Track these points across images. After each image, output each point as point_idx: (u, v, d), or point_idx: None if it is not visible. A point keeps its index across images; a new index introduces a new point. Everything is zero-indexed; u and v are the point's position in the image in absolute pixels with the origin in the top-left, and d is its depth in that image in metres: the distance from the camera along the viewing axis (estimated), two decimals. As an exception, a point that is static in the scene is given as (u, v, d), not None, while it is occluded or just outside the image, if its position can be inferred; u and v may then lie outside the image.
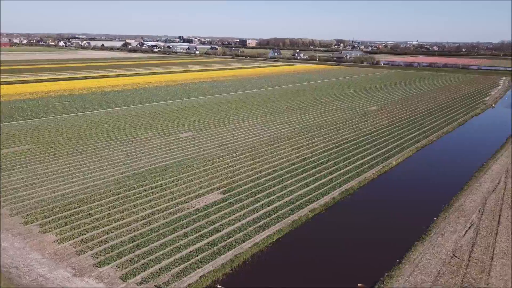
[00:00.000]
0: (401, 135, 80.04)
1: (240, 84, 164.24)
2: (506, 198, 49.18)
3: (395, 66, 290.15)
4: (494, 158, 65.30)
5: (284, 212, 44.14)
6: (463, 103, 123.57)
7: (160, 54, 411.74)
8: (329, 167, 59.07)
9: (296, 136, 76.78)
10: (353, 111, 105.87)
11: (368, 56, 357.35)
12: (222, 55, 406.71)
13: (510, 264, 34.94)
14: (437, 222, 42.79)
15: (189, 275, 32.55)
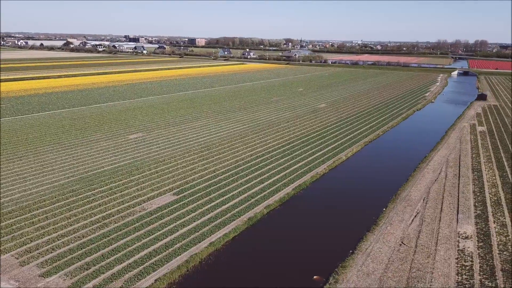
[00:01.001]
0: (349, 130, 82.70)
1: (191, 83, 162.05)
2: (447, 186, 52.32)
3: (342, 65, 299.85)
4: (435, 150, 69.27)
5: (240, 210, 44.01)
6: (406, 99, 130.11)
7: (105, 54, 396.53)
8: (283, 163, 59.74)
9: (249, 135, 76.94)
10: (303, 108, 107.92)
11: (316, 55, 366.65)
12: (171, 54, 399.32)
13: (453, 247, 37.13)
14: (386, 212, 44.63)
15: (143, 279, 31.49)
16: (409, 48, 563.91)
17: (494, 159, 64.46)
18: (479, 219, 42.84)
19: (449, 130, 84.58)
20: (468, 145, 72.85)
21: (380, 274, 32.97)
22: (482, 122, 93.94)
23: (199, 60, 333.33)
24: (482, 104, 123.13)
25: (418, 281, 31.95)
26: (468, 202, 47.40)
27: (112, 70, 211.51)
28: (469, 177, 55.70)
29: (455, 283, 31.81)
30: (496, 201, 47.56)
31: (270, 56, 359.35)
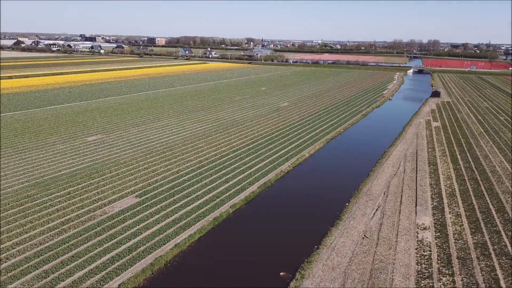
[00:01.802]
0: (312, 128, 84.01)
1: (151, 83, 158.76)
2: (406, 180, 54.29)
3: (303, 64, 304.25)
4: (394, 145, 71.72)
5: (205, 210, 43.56)
6: (365, 97, 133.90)
7: (60, 54, 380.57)
8: (247, 162, 59.75)
9: (213, 134, 76.38)
10: (266, 107, 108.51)
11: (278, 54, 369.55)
12: (130, 53, 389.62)
13: (412, 239, 38.56)
14: (349, 207, 45.68)
15: (106, 285, 30.47)
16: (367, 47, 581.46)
17: (448, 153, 67.57)
18: (436, 211, 44.74)
19: (406, 126, 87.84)
20: (424, 140, 75.97)
21: (344, 267, 33.68)
22: (437, 118, 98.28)
23: (160, 59, 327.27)
24: (436, 100, 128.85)
25: (380, 272, 32.91)
26: (425, 194, 49.39)
27: (67, 70, 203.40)
28: (426, 171, 58.08)
29: (415, 272, 33.03)
30: (451, 193, 49.86)
31: (232, 56, 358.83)
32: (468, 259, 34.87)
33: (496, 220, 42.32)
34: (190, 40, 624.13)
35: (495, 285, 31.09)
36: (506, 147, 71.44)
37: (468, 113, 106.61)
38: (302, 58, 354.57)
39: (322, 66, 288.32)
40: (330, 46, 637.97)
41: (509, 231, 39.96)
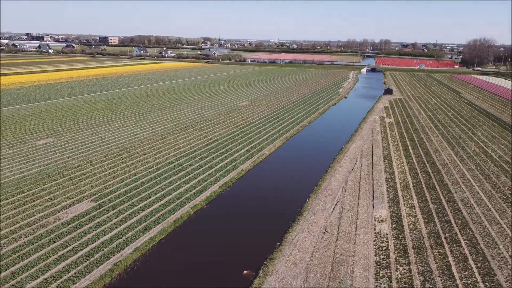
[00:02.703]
0: (271, 127, 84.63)
1: (105, 83, 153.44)
2: (363, 175, 55.97)
3: (261, 63, 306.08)
4: (350, 142, 73.74)
5: (165, 212, 42.64)
6: (322, 95, 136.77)
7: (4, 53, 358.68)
8: (207, 162, 59.17)
9: (171, 134, 74.99)
10: (225, 107, 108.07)
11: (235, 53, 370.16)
12: (81, 53, 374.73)
13: (370, 231, 39.79)
14: (309, 203, 46.42)
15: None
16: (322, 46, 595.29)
17: (401, 147, 70.40)
18: (391, 203, 46.44)
19: (362, 123, 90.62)
20: (379, 135, 78.71)
21: (307, 262, 34.16)
22: (390, 114, 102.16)
23: (113, 59, 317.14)
24: (389, 97, 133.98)
25: (341, 265, 33.67)
26: (381, 188, 51.15)
27: (13, 70, 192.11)
28: (381, 165, 60.17)
29: (374, 263, 34.09)
30: (405, 186, 51.97)
31: (189, 55, 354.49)
32: (422, 248, 36.46)
33: (446, 210, 44.57)
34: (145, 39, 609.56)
35: (447, 271, 32.71)
36: (454, 141, 75.51)
37: (418, 109, 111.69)
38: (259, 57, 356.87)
39: (280, 65, 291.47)
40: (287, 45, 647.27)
41: (459, 219, 42.22)
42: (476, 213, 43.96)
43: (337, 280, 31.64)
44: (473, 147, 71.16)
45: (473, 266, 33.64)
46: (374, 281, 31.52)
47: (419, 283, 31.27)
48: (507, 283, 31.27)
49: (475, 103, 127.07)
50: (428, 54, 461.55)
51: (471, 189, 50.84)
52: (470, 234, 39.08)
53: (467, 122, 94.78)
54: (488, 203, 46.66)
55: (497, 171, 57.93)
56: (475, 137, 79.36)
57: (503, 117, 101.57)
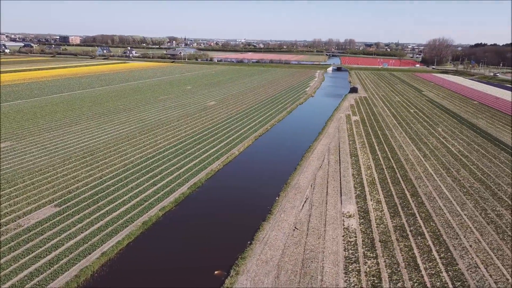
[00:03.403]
0: (240, 126, 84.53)
1: (66, 84, 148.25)
2: (331, 172, 56.90)
3: (228, 63, 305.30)
4: (318, 140, 74.80)
5: (133, 215, 41.68)
6: (289, 94, 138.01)
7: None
8: (176, 163, 58.33)
9: (137, 136, 73.41)
10: (193, 106, 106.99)
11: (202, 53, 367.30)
12: (40, 53, 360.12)
13: (339, 227, 40.50)
14: (279, 201, 46.70)
15: (24, 305, 27.75)
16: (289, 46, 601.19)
17: (367, 144, 72.12)
18: (359, 199, 47.47)
19: (328, 121, 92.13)
20: (345, 133, 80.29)
21: (277, 259, 34.34)
22: (356, 112, 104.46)
23: (75, 59, 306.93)
24: (354, 96, 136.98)
25: (311, 261, 34.08)
26: (349, 184, 52.18)
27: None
28: (348, 162, 61.39)
29: (343, 258, 34.72)
30: (371, 181, 53.26)
31: (154, 55, 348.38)
32: (389, 242, 37.48)
33: (411, 204, 46.04)
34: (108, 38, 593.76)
35: (412, 263, 33.79)
36: (417, 137, 78.17)
37: (382, 107, 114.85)
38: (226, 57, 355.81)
39: (247, 65, 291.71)
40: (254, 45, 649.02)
41: (423, 213, 43.72)
42: (439, 206, 45.66)
43: (308, 276, 31.99)
44: (435, 143, 73.91)
45: (437, 257, 34.92)
46: (344, 276, 32.10)
47: (387, 275, 32.12)
48: (468, 271, 32.66)
49: (436, 100, 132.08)
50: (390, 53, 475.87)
51: (433, 183, 52.76)
52: (433, 226, 40.53)
53: (428, 118, 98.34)
54: (449, 196, 48.58)
55: (457, 165, 60.42)
56: (436, 133, 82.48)
57: (461, 113, 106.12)
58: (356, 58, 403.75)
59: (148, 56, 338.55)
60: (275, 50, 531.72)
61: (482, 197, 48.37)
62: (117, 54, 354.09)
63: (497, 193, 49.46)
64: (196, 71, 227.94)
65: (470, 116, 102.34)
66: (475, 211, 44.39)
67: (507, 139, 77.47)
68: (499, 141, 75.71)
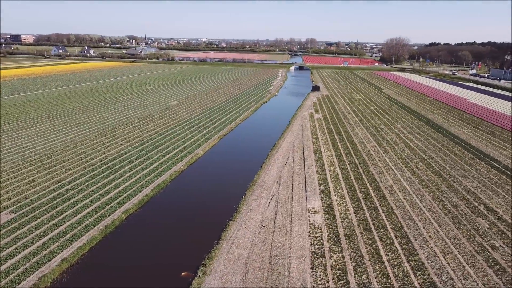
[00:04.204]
0: (204, 126, 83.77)
1: (19, 85, 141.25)
2: (295, 169, 57.52)
3: (190, 62, 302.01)
4: (282, 138, 75.43)
5: (94, 219, 40.27)
6: (253, 93, 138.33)
7: None
8: (138, 164, 56.95)
9: (97, 137, 71.06)
10: (155, 107, 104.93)
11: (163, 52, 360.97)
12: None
13: (305, 223, 41.00)
14: (245, 199, 46.67)
15: (-22, 319, 26.13)
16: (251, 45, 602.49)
17: (330, 141, 73.52)
18: (323, 195, 48.27)
19: (292, 119, 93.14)
20: (309, 131, 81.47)
21: (245, 258, 34.28)
22: (318, 110, 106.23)
23: (28, 59, 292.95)
24: (317, 94, 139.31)
25: (279, 258, 34.28)
26: (313, 180, 52.95)
27: None
28: (312, 159, 62.31)
29: (310, 253, 35.16)
30: (335, 177, 54.32)
31: (113, 54, 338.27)
32: (353, 235, 38.36)
33: (373, 198, 47.36)
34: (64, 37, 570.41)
35: (376, 255, 34.75)
36: (377, 133, 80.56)
37: (344, 105, 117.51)
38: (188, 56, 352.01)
39: (209, 64, 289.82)
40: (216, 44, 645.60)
41: (385, 206, 45.09)
42: (399, 199, 47.26)
43: (275, 273, 32.15)
44: (394, 138, 76.47)
45: (399, 248, 36.11)
46: (311, 271, 32.52)
47: (352, 268, 32.85)
48: (428, 260, 34.00)
49: (394, 97, 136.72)
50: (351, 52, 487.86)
51: (394, 177, 54.55)
52: (395, 219, 41.89)
53: (388, 115, 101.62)
54: (409, 189, 50.39)
55: (415, 160, 62.79)
56: (395, 129, 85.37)
57: (418, 110, 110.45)
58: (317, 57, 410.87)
59: (107, 56, 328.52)
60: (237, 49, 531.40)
61: (439, 189, 50.53)
62: (73, 54, 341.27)
63: (453, 185, 51.84)
64: (157, 70, 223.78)
65: (427, 112, 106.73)
66: (433, 202, 46.31)
67: (461, 133, 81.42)
68: (453, 136, 79.44)
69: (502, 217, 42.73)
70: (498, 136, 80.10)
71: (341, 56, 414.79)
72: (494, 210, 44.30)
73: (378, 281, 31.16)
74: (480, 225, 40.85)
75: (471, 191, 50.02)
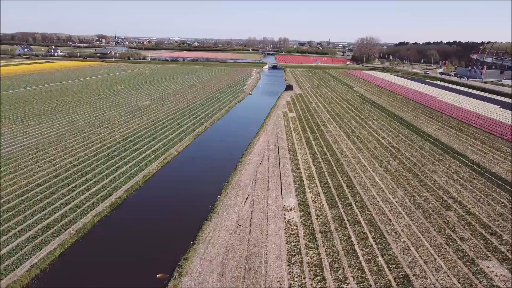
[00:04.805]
0: (178, 126, 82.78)
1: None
2: (271, 167, 57.67)
3: (162, 61, 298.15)
4: (257, 137, 75.48)
5: (65, 222, 39.03)
6: (227, 92, 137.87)
7: None
8: (110, 166, 55.65)
9: (67, 139, 69.01)
10: (126, 107, 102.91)
11: (134, 52, 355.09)
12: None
13: (281, 220, 41.15)
14: (221, 199, 46.40)
15: None
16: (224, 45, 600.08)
17: (304, 139, 74.15)
18: (298, 192, 48.59)
19: (267, 118, 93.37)
20: (283, 129, 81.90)
21: (221, 257, 34.07)
22: (292, 109, 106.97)
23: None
24: (290, 93, 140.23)
25: (255, 257, 34.25)
26: (288, 178, 53.23)
27: None
28: (287, 157, 62.65)
29: (286, 251, 35.30)
30: (309, 175, 54.80)
31: (82, 54, 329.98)
32: (329, 232, 38.79)
33: (347, 194, 48.06)
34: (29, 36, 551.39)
35: (351, 251, 35.26)
36: (350, 131, 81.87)
37: (317, 104, 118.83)
38: (160, 55, 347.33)
39: (182, 63, 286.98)
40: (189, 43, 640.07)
41: (358, 202, 45.84)
42: (373, 195, 48.15)
43: (252, 272, 32.10)
44: (366, 136, 77.91)
45: (373, 243, 36.77)
46: (287, 268, 32.64)
47: (328, 264, 33.19)
48: (401, 254, 34.79)
49: (366, 96, 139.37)
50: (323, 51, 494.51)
51: (367, 174, 55.54)
52: (368, 214, 42.64)
53: (360, 113, 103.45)
54: (382, 185, 51.42)
55: (387, 156, 64.17)
56: (367, 126, 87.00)
57: (389, 108, 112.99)
58: (290, 57, 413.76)
59: (75, 55, 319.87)
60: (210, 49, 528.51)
61: (410, 184, 51.82)
62: (40, 53, 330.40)
63: (423, 180, 53.28)
64: (128, 70, 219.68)
65: (398, 110, 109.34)
66: (405, 198, 47.44)
67: (430, 130, 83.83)
68: (423, 132, 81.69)
69: (470, 210, 44.24)
70: (465, 132, 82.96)
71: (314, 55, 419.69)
72: (462, 204, 45.82)
73: (353, 276, 31.62)
74: (449, 218, 42.14)
75: (440, 185, 51.56)
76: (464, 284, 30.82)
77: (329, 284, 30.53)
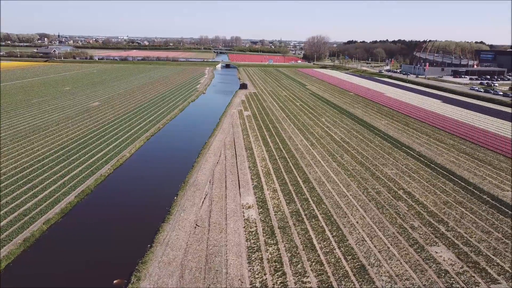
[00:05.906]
0: (129, 127, 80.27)
1: None
2: (228, 166, 57.45)
3: (111, 61, 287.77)
4: (213, 136, 74.90)
5: (10, 232, 36.64)
6: (180, 92, 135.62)
7: None
8: (59, 171, 52.90)
9: (9, 144, 64.79)
10: (74, 109, 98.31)
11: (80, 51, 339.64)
12: None
13: (240, 219, 41.10)
14: (178, 200, 45.56)
15: None
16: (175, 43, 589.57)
17: (260, 137, 74.57)
18: (256, 190, 48.79)
19: (222, 117, 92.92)
20: (239, 128, 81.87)
21: (181, 259, 33.46)
22: (247, 108, 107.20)
23: None
24: (245, 92, 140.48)
25: (215, 256, 33.98)
26: (246, 176, 53.29)
27: None
28: (244, 155, 62.71)
29: (246, 248, 35.33)
30: (267, 172, 55.20)
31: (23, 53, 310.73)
32: (287, 227, 39.29)
33: (304, 190, 48.93)
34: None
35: (309, 244, 35.94)
36: (304, 128, 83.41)
37: (271, 102, 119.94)
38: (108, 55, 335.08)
39: (132, 63, 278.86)
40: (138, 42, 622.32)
41: (315, 197, 46.81)
42: (328, 189, 49.36)
43: (213, 271, 31.81)
44: (320, 132, 79.75)
45: (330, 236, 37.71)
46: (248, 265, 32.67)
47: (287, 259, 33.60)
48: (357, 245, 35.94)
49: (318, 93, 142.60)
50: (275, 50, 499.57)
51: (321, 169, 56.85)
52: (324, 208, 43.66)
53: (313, 110, 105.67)
54: (336, 179, 52.85)
55: (340, 151, 66.04)
56: (320, 123, 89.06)
57: (341, 104, 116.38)
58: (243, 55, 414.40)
59: (15, 55, 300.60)
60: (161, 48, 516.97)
61: (363, 177, 53.67)
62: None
63: (375, 173, 55.38)
64: (74, 70, 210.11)
65: (348, 106, 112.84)
66: (359, 190, 49.07)
67: (380, 125, 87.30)
68: (373, 127, 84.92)
69: (419, 199, 46.59)
70: (411, 126, 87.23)
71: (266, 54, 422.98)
72: (411, 194, 48.14)
73: (312, 269, 32.23)
74: (400, 208, 44.13)
75: (391, 177, 53.85)
76: (415, 270, 32.41)
77: (289, 279, 30.92)
